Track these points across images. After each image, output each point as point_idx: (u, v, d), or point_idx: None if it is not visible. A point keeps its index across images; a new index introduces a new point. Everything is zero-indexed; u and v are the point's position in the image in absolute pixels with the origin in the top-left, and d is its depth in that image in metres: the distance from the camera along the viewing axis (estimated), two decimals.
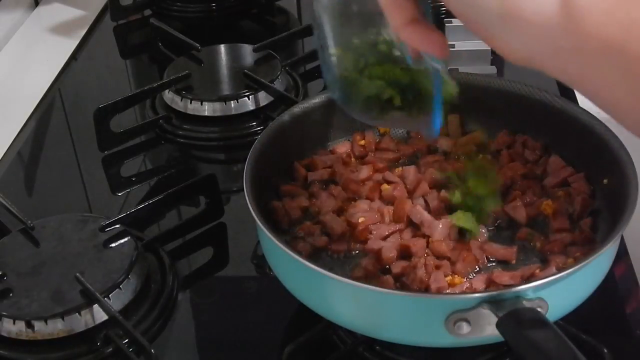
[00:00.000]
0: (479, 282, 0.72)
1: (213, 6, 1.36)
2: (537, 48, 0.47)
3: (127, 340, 0.75)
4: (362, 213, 0.80)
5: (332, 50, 0.64)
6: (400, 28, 0.54)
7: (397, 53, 0.63)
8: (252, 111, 1.08)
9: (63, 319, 0.75)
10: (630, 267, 0.82)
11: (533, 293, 0.62)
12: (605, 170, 0.78)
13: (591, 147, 0.80)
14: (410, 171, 0.84)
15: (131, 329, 0.75)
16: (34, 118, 1.15)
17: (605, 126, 0.78)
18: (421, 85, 0.63)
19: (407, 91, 0.64)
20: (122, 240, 0.83)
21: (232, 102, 1.07)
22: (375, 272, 0.75)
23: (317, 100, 0.88)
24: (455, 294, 0.70)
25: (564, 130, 0.84)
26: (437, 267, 0.73)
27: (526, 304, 0.61)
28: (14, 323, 0.75)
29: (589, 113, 0.81)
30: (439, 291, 0.71)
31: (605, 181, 0.79)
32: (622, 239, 0.83)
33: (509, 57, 0.49)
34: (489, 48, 1.08)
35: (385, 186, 0.84)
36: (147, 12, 1.39)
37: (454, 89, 0.64)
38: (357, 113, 0.69)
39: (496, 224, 0.79)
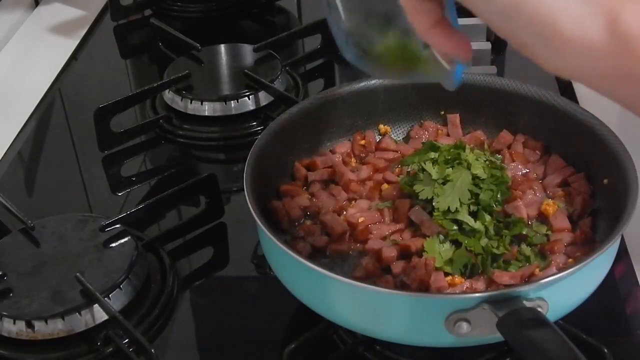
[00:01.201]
0: (479, 282, 0.72)
1: (213, 6, 1.36)
2: (582, 70, 0.46)
3: (127, 340, 0.75)
4: (362, 213, 0.80)
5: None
6: (426, 33, 0.53)
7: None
8: (252, 111, 1.08)
9: (63, 318, 0.75)
10: (630, 267, 0.82)
11: (533, 293, 0.62)
12: (605, 170, 0.78)
13: (591, 147, 0.80)
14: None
15: (131, 329, 0.75)
16: (34, 118, 1.15)
17: (606, 126, 0.78)
18: None
19: None
20: (122, 240, 0.83)
21: (232, 102, 1.07)
22: (376, 272, 0.75)
23: (317, 100, 0.88)
24: (455, 293, 0.70)
25: (564, 130, 0.84)
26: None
27: (526, 303, 0.62)
28: (14, 323, 0.75)
29: (589, 113, 0.81)
30: (439, 291, 0.71)
31: (605, 181, 0.79)
32: (622, 239, 0.83)
33: (555, 73, 0.48)
34: (489, 48, 1.10)
35: (385, 186, 0.84)
36: (148, 12, 1.39)
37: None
38: (373, 69, 0.67)
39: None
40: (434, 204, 0.76)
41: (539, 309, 0.62)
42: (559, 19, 0.45)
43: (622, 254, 0.82)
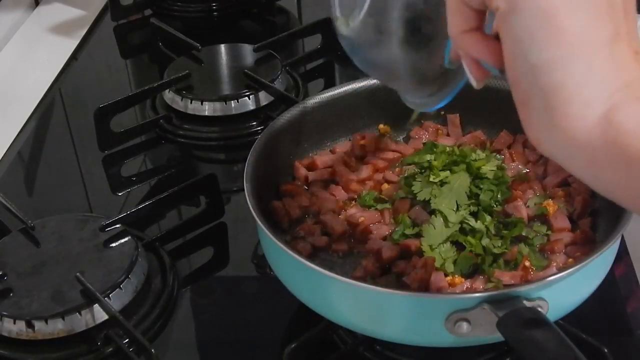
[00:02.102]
0: (479, 282, 0.72)
1: (213, 6, 1.36)
2: (568, 150, 0.47)
3: (127, 340, 0.75)
4: (362, 213, 0.80)
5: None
6: (457, 35, 0.53)
7: None
8: (252, 111, 1.08)
9: (63, 318, 0.75)
10: (631, 267, 0.82)
11: (533, 293, 0.62)
12: None
13: None
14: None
15: (131, 329, 0.75)
16: (34, 118, 1.15)
17: None
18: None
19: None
20: (122, 240, 0.83)
21: (232, 101, 1.07)
22: (376, 271, 0.75)
23: (317, 100, 0.88)
24: (455, 293, 0.70)
25: None
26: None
27: (526, 303, 0.62)
28: (14, 323, 0.75)
29: None
30: (439, 291, 0.71)
31: None
32: (622, 239, 0.83)
33: (538, 147, 0.49)
34: None
35: (385, 186, 0.84)
36: (148, 11, 1.39)
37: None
38: (383, 77, 0.67)
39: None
40: (431, 205, 0.76)
41: (539, 309, 0.62)
42: (574, 97, 0.46)
43: (622, 254, 0.82)
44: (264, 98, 1.08)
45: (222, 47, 1.18)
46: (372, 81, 0.89)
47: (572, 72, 0.46)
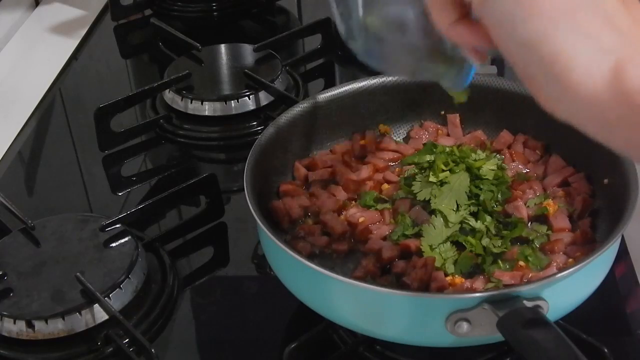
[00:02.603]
0: (479, 281, 0.72)
1: (213, 6, 1.36)
2: (581, 115, 0.47)
3: (127, 339, 0.75)
4: (362, 213, 0.80)
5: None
6: (445, 28, 0.53)
7: None
8: (252, 111, 1.08)
9: (63, 318, 0.75)
10: (631, 267, 0.82)
11: (534, 293, 0.62)
12: (605, 170, 0.78)
13: (591, 147, 0.79)
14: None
15: (131, 329, 0.75)
16: (35, 118, 1.15)
17: None
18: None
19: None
20: (122, 240, 0.83)
21: (232, 101, 1.07)
22: (376, 271, 0.75)
23: (317, 100, 0.88)
24: (455, 293, 0.70)
25: (564, 130, 0.83)
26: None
27: (527, 303, 0.62)
28: (14, 323, 0.75)
29: None
30: (440, 291, 0.71)
31: (605, 181, 0.79)
32: (623, 239, 0.83)
33: (553, 113, 0.49)
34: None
35: (385, 186, 0.84)
36: (148, 11, 1.38)
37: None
38: (384, 64, 0.66)
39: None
40: (431, 205, 0.76)
41: (539, 309, 0.62)
42: (572, 63, 0.45)
43: (622, 254, 0.82)
44: (264, 98, 1.08)
45: (222, 47, 1.18)
46: (372, 81, 0.89)
47: (561, 40, 0.46)
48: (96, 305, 0.76)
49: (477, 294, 0.63)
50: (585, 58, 0.45)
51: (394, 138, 0.91)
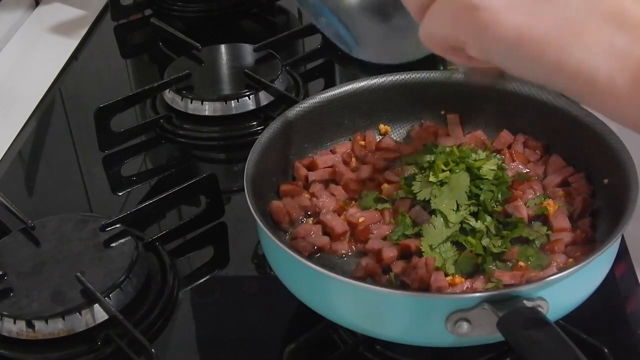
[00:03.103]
0: (479, 281, 0.72)
1: (213, 6, 1.36)
2: (606, 106, 0.49)
3: (127, 339, 0.75)
4: (362, 213, 0.80)
5: None
6: (417, 13, 0.54)
7: None
8: (252, 111, 1.08)
9: (64, 318, 0.75)
10: (631, 267, 0.82)
11: (534, 293, 0.62)
12: (605, 170, 0.78)
13: (591, 147, 0.80)
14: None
15: (132, 329, 0.75)
16: (35, 118, 1.15)
17: (606, 126, 0.78)
18: None
19: None
20: (122, 240, 0.83)
21: (232, 101, 1.07)
22: (376, 272, 0.75)
23: (317, 100, 0.88)
24: (455, 293, 0.70)
25: (564, 130, 0.84)
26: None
27: (527, 303, 0.62)
28: (14, 323, 0.75)
29: (590, 113, 0.81)
30: (440, 291, 0.71)
31: (605, 181, 0.79)
32: (623, 239, 0.83)
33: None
34: None
35: (385, 186, 0.84)
36: (148, 11, 1.39)
37: None
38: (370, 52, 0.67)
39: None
40: (431, 205, 0.76)
41: (540, 309, 0.62)
42: (594, 77, 0.48)
43: (622, 254, 0.82)
44: (264, 98, 1.08)
45: (222, 47, 1.18)
46: (372, 81, 0.89)
47: (577, 58, 0.48)
48: (96, 305, 0.76)
49: (477, 294, 0.63)
50: (605, 68, 0.47)
51: (394, 138, 0.91)
